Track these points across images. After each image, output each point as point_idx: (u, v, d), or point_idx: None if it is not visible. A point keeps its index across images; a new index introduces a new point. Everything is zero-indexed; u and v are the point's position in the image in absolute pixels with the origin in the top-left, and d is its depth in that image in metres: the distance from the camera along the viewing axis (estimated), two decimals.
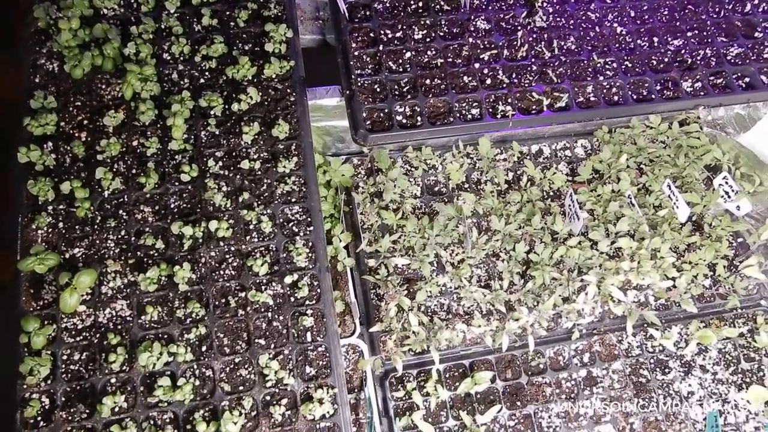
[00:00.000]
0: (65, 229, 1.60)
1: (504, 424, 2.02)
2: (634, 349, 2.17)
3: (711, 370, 2.17)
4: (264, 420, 1.46)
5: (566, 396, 2.08)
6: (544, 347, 2.12)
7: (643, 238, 2.12)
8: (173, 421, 1.46)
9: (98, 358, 1.50)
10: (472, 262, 2.14)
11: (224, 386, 1.48)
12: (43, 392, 1.48)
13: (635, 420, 2.07)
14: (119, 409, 1.47)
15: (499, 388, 2.05)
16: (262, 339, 1.53)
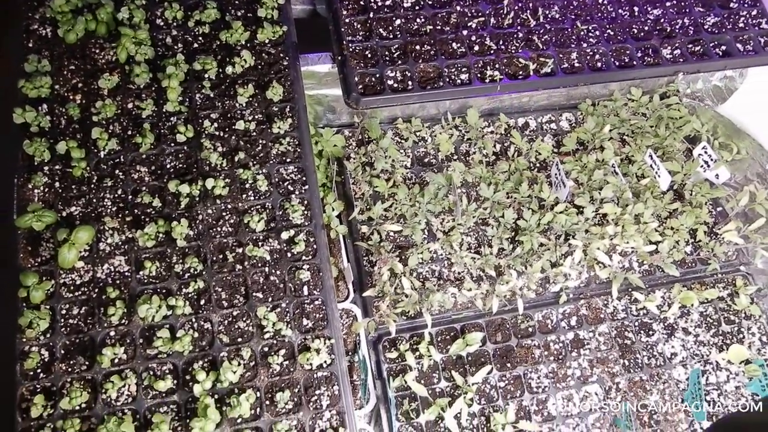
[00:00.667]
0: (62, 188, 1.63)
1: (494, 384, 2.08)
2: (620, 313, 2.24)
3: (693, 332, 2.25)
4: (263, 370, 1.50)
5: (554, 358, 2.14)
6: (532, 311, 2.18)
7: (627, 205, 2.20)
8: (173, 372, 1.49)
9: (97, 312, 1.52)
10: (462, 230, 2.20)
11: (223, 338, 1.52)
12: (43, 345, 1.50)
13: (621, 380, 2.15)
14: (119, 361, 1.50)
15: (489, 350, 2.11)
16: (260, 293, 1.57)
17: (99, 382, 1.47)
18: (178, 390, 1.49)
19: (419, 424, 2.01)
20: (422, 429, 2.01)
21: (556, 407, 2.09)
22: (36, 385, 1.48)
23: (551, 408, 2.09)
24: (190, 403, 1.48)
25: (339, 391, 1.52)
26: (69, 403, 1.44)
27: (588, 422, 2.09)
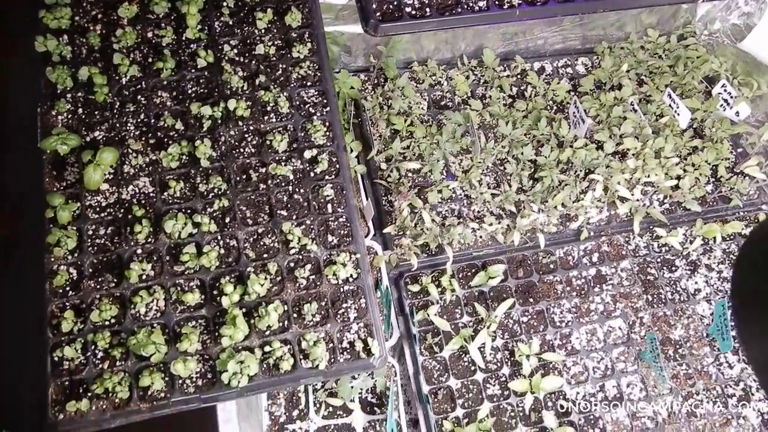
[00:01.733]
0: (85, 114, 1.65)
1: (517, 319, 2.08)
2: (641, 250, 2.24)
3: (716, 269, 2.25)
4: (289, 284, 1.51)
5: (577, 293, 2.15)
6: (553, 248, 2.19)
7: (647, 140, 2.20)
8: (200, 288, 1.51)
9: (123, 232, 1.54)
10: (481, 169, 2.20)
11: (249, 253, 1.53)
12: (71, 264, 1.52)
13: (644, 315, 2.15)
14: (146, 277, 1.51)
15: (511, 285, 2.11)
16: (284, 211, 1.58)
17: (128, 298, 1.49)
18: (206, 304, 1.50)
19: (443, 359, 2.02)
20: (446, 363, 2.01)
21: (580, 341, 2.09)
22: (65, 302, 1.50)
23: (575, 342, 2.09)
24: (218, 317, 1.49)
25: (366, 304, 1.52)
26: (99, 316, 1.45)
27: (612, 356, 2.09)
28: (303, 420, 1.93)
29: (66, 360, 1.45)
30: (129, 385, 1.43)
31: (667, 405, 2.05)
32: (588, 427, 1.99)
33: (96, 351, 1.46)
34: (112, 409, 1.42)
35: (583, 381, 2.05)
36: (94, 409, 1.41)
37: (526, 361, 1.98)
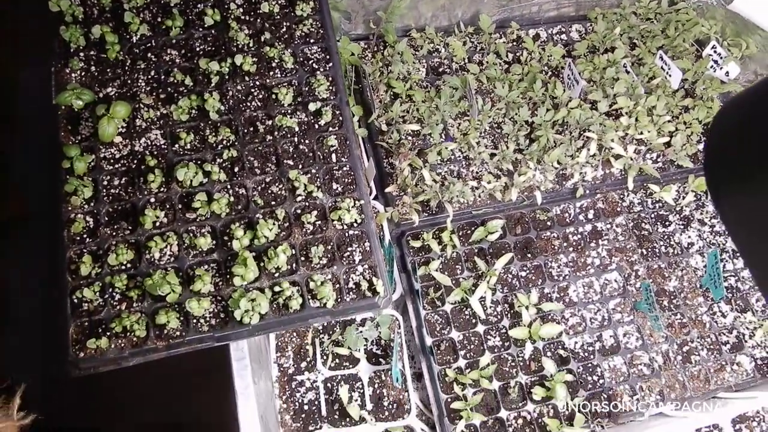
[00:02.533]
0: (97, 71, 1.71)
1: (516, 274, 2.15)
2: (636, 206, 2.31)
3: (709, 223, 2.32)
4: (297, 229, 1.58)
5: (573, 248, 2.21)
6: (550, 205, 2.25)
7: (640, 99, 2.26)
8: (211, 233, 1.57)
9: (137, 182, 1.61)
10: (479, 130, 2.26)
11: (257, 201, 1.60)
12: (87, 213, 1.59)
13: (640, 267, 2.22)
14: (160, 224, 1.58)
15: (509, 242, 2.18)
16: (290, 160, 1.65)
17: (142, 244, 1.56)
18: (218, 249, 1.57)
19: (444, 312, 2.09)
20: (447, 317, 2.08)
21: (577, 294, 2.16)
22: (83, 248, 1.56)
23: (572, 294, 2.16)
24: (229, 261, 1.56)
25: (370, 248, 1.59)
26: (116, 260, 1.52)
27: (609, 307, 2.16)
28: (311, 371, 2.00)
29: (85, 302, 1.51)
30: (146, 324, 1.50)
31: (663, 352, 2.12)
32: (586, 375, 2.07)
33: (114, 293, 1.53)
34: (130, 347, 1.49)
35: (581, 331, 2.12)
36: (113, 347, 1.48)
37: (526, 311, 2.05)
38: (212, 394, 1.54)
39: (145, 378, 1.67)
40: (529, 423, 2.00)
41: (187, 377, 1.69)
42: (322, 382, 1.98)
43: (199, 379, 1.68)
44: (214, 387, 1.55)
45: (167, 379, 1.72)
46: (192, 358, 1.57)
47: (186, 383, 1.70)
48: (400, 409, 1.99)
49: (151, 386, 1.76)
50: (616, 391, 2.06)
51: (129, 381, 1.70)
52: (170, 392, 1.77)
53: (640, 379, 2.08)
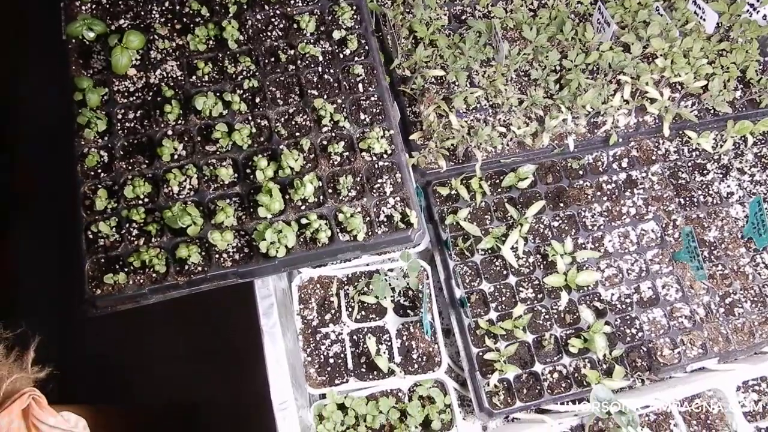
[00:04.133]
0: (109, 4, 1.63)
1: (548, 224, 2.06)
2: (672, 154, 2.21)
3: (748, 172, 2.21)
4: (323, 160, 1.50)
5: (608, 197, 2.12)
6: (582, 153, 2.15)
7: (675, 41, 2.16)
8: (233, 166, 1.49)
9: (153, 114, 1.53)
10: (506, 77, 2.16)
11: (281, 131, 1.52)
12: (101, 147, 1.52)
13: (678, 217, 2.12)
14: (178, 157, 1.50)
15: (540, 191, 2.09)
16: (315, 90, 1.56)
17: (160, 177, 1.48)
18: (240, 182, 1.49)
19: (474, 263, 2.00)
20: (477, 268, 1.99)
21: (613, 244, 2.07)
22: (97, 183, 1.48)
23: (608, 245, 2.06)
24: (252, 194, 1.47)
25: (401, 179, 1.51)
26: (132, 192, 1.44)
27: (646, 257, 2.06)
28: (336, 323, 1.91)
29: (101, 237, 1.44)
30: (166, 259, 1.42)
31: (704, 305, 2.02)
32: (624, 327, 1.97)
33: (131, 229, 1.45)
34: (150, 283, 1.41)
35: (618, 283, 2.02)
36: (131, 283, 1.40)
37: (560, 259, 1.95)
38: (238, 333, 1.46)
39: (166, 321, 1.59)
40: (565, 377, 1.90)
41: (210, 315, 1.60)
42: (348, 334, 1.89)
43: (223, 318, 1.60)
44: (240, 325, 1.47)
45: (190, 319, 1.64)
46: (216, 298, 1.49)
47: (209, 323, 1.61)
48: (430, 361, 1.90)
49: (173, 330, 1.68)
50: (656, 344, 1.96)
51: (149, 324, 1.61)
52: (194, 333, 1.69)
53: (680, 332, 1.97)
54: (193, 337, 1.72)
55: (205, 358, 1.78)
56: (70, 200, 1.46)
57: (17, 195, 2.06)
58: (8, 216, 2.20)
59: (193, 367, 1.82)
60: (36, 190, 1.99)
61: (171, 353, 1.80)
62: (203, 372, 1.86)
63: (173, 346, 1.78)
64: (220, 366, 1.76)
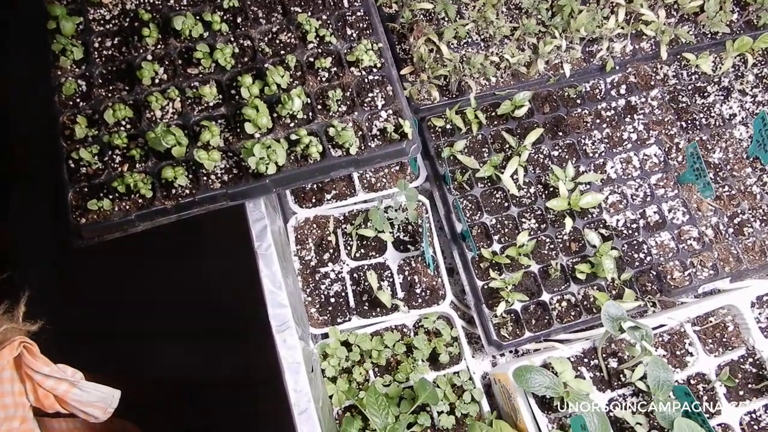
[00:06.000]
0: None
1: (547, 153, 2.00)
2: (670, 79, 2.15)
3: (750, 93, 2.16)
4: (310, 77, 1.43)
5: (607, 124, 2.06)
6: (579, 81, 2.09)
7: None
8: (217, 87, 1.43)
9: (131, 40, 1.47)
10: (496, 9, 2.10)
11: (265, 49, 1.45)
12: (79, 76, 1.45)
13: (680, 140, 2.06)
14: (159, 81, 1.44)
15: (538, 121, 2.03)
16: (298, 7, 1.49)
17: (142, 102, 1.41)
18: (225, 103, 1.43)
19: (474, 197, 1.94)
20: (477, 201, 1.93)
21: (615, 170, 2.01)
22: (76, 112, 1.42)
23: (610, 171, 2.00)
24: (238, 116, 1.41)
25: (393, 92, 1.45)
26: (113, 116, 1.38)
27: (650, 182, 2.00)
28: (335, 262, 1.85)
29: (83, 165, 1.37)
30: (151, 183, 1.35)
31: (713, 226, 1.96)
32: (632, 252, 1.91)
33: (114, 156, 1.39)
34: (136, 209, 1.34)
35: (623, 208, 1.96)
36: (117, 209, 1.34)
37: (562, 185, 1.89)
38: (232, 259, 1.40)
39: (157, 252, 1.53)
40: (573, 305, 1.84)
41: (203, 245, 1.54)
42: (348, 273, 1.83)
43: (216, 246, 1.54)
44: (233, 252, 1.41)
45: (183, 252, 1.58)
46: (207, 226, 1.43)
47: (202, 250, 1.55)
48: (434, 295, 1.84)
49: (164, 263, 1.62)
50: (666, 268, 1.90)
51: (137, 252, 1.55)
52: (186, 261, 1.63)
53: (690, 254, 1.91)
54: (186, 267, 1.65)
55: (201, 287, 1.72)
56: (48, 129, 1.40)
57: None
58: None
59: (188, 298, 1.77)
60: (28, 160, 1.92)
61: (164, 287, 1.75)
62: (199, 301, 1.80)
63: (166, 281, 1.72)
64: (215, 294, 1.70)
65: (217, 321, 2.15)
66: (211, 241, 1.54)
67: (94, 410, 1.63)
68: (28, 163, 1.77)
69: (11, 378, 1.51)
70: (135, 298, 2.11)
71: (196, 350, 2.22)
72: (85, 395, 1.58)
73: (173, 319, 2.13)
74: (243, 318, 1.65)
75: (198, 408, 2.26)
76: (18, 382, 1.52)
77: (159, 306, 2.13)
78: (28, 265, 1.78)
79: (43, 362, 1.53)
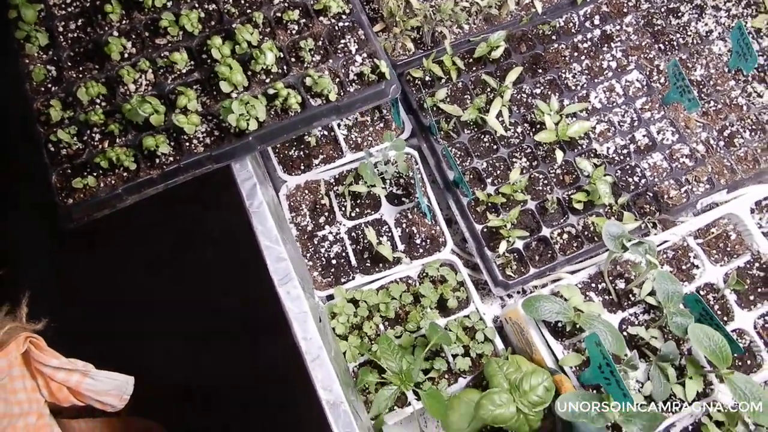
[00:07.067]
0: None
1: (530, 92, 1.99)
2: (643, 3, 2.14)
3: (724, 8, 2.14)
4: (280, 31, 1.42)
5: (586, 56, 2.04)
6: (552, 17, 2.08)
7: None
8: (188, 53, 1.41)
9: (96, 19, 1.44)
10: None
11: (231, 10, 1.43)
12: (47, 62, 1.43)
13: (660, 62, 2.05)
14: (129, 55, 1.42)
15: (516, 61, 2.01)
16: None
17: (114, 78, 1.40)
18: (198, 69, 1.41)
19: (462, 143, 1.92)
20: (466, 147, 1.92)
21: (599, 99, 1.99)
22: (49, 97, 1.40)
23: (594, 101, 1.99)
24: (213, 78, 1.39)
25: (365, 36, 1.43)
26: (86, 94, 1.36)
27: (636, 107, 1.98)
28: (332, 224, 1.83)
29: (63, 147, 1.36)
30: (135, 156, 1.34)
31: (703, 141, 1.95)
32: (626, 177, 1.89)
33: (93, 134, 1.37)
34: (122, 183, 1.33)
35: (611, 136, 1.94)
36: (103, 185, 1.32)
37: (549, 118, 1.88)
38: (223, 219, 1.38)
39: (148, 222, 1.51)
40: (575, 237, 1.83)
41: (194, 211, 1.53)
42: (346, 233, 1.82)
43: (207, 210, 1.52)
44: (223, 207, 1.39)
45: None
46: (196, 193, 1.41)
47: (195, 219, 1.54)
48: (435, 243, 1.83)
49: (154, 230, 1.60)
50: (662, 188, 1.88)
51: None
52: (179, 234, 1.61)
53: (684, 172, 1.90)
54: (188, 263, 1.63)
55: (197, 247, 1.71)
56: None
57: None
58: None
59: (180, 264, 1.75)
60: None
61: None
62: (193, 263, 1.79)
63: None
64: (213, 256, 1.68)
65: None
66: (212, 238, 1.52)
67: (109, 399, 1.61)
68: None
69: (22, 375, 1.49)
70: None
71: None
72: (99, 384, 1.57)
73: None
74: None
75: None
76: (29, 378, 1.51)
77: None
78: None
79: (51, 355, 1.52)
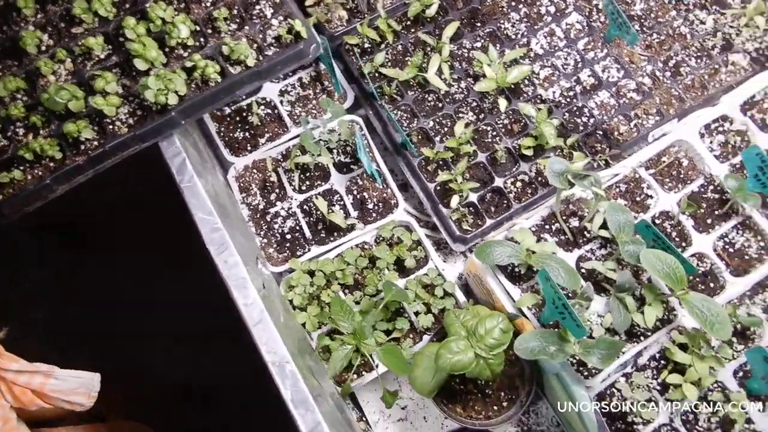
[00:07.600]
0: None
1: (470, 46, 1.97)
2: None
3: None
4: (194, 5, 1.43)
5: (523, 4, 2.03)
6: None
7: None
8: (105, 38, 1.40)
9: (10, 17, 1.44)
10: None
11: None
12: None
13: (598, 2, 2.03)
14: (46, 47, 1.41)
15: (454, 18, 2.00)
16: None
17: (33, 72, 1.39)
18: (116, 52, 1.40)
19: (407, 105, 1.91)
20: (411, 109, 1.91)
21: (541, 45, 1.98)
22: None
23: (536, 48, 1.97)
24: (131, 60, 1.38)
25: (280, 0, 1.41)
26: (5, 88, 1.36)
27: (578, 48, 1.97)
28: (283, 200, 1.82)
29: None
30: (59, 145, 1.33)
31: (649, 74, 1.93)
32: (574, 118, 1.88)
33: (16, 129, 1.36)
34: (49, 173, 1.32)
35: (556, 80, 1.93)
36: (30, 177, 1.32)
37: (488, 68, 1.87)
38: (155, 195, 1.38)
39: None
40: (528, 184, 1.81)
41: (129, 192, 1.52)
42: (298, 207, 1.81)
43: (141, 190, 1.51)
44: (155, 189, 1.39)
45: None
46: (125, 176, 1.40)
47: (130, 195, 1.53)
48: (387, 206, 1.82)
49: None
50: (611, 125, 1.86)
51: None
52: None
53: (632, 107, 1.88)
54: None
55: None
56: None
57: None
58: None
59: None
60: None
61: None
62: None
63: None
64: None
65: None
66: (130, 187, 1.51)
67: (77, 398, 1.60)
68: None
69: None
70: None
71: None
72: (64, 384, 1.56)
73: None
74: (183, 256, 1.63)
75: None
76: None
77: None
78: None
79: (9, 359, 1.51)
